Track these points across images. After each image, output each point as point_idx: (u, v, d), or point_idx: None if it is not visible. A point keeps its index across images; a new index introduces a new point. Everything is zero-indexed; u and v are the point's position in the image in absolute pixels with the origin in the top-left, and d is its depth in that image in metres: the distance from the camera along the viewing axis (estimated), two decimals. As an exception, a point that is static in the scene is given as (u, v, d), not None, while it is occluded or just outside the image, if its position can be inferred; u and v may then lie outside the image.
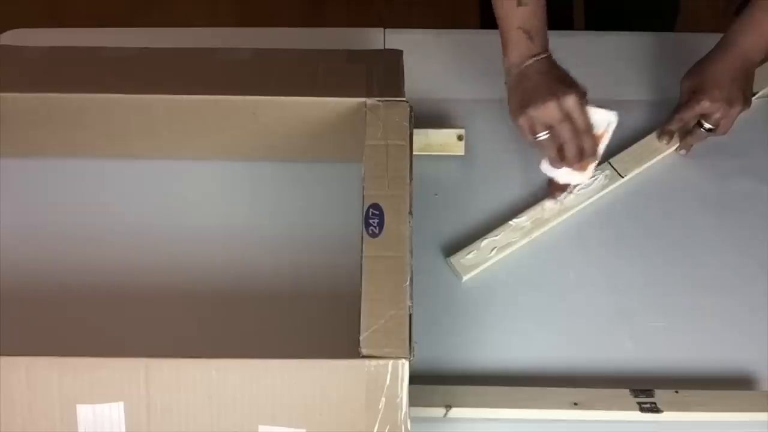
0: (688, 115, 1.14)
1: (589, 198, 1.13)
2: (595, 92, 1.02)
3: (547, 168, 1.07)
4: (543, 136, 1.03)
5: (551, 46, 1.05)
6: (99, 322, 1.01)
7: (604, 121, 1.06)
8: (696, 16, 1.75)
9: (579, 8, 1.70)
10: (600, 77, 1.25)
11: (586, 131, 1.04)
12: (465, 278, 1.06)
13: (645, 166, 1.16)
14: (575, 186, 1.11)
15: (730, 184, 1.16)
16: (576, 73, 1.05)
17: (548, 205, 1.11)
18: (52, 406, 0.81)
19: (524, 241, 1.09)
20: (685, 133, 1.17)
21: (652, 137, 1.18)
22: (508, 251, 1.08)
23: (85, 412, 0.81)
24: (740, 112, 1.13)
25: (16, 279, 1.04)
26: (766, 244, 1.11)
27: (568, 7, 1.71)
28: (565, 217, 1.11)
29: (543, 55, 1.04)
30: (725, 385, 0.98)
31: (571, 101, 1.02)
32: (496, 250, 1.08)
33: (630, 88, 1.26)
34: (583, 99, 1.03)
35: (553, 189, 1.11)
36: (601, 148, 1.08)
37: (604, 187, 1.13)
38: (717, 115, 1.12)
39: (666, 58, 1.31)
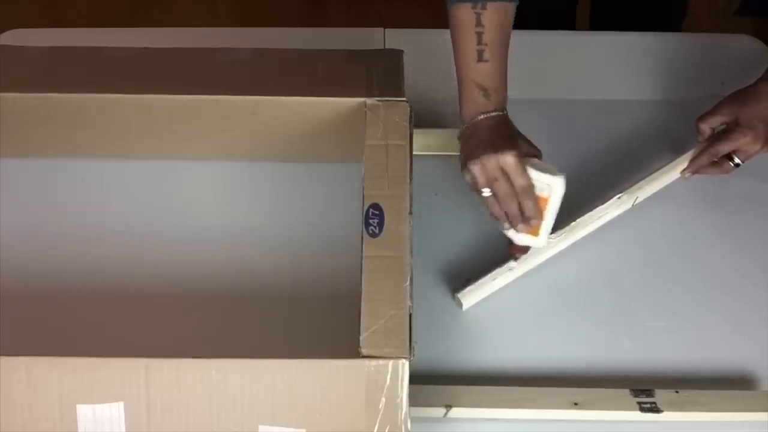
0: (726, 149, 1.09)
1: (594, 223, 1.10)
2: (601, 92, 1.02)
3: (503, 228, 1.04)
4: (485, 193, 1.00)
5: (555, 46, 1.05)
6: (99, 322, 1.01)
7: (545, 184, 1.00)
8: (696, 16, 1.75)
9: (585, 8, 1.69)
10: (605, 77, 1.26)
11: (524, 192, 0.98)
12: (466, 307, 1.05)
13: (657, 188, 1.14)
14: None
15: (730, 184, 1.16)
16: (591, 72, 1.04)
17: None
18: (52, 406, 0.81)
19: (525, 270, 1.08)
20: (711, 164, 1.12)
21: (672, 167, 1.14)
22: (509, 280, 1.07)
23: (85, 412, 0.81)
24: None
25: (16, 279, 1.04)
26: (766, 244, 1.11)
27: (571, 7, 1.70)
28: (571, 242, 1.09)
29: (495, 113, 1.01)
30: (725, 385, 0.98)
31: (509, 159, 0.97)
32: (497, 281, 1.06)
33: (635, 88, 1.26)
34: (524, 158, 0.99)
35: (512, 250, 1.06)
36: (549, 211, 1.01)
37: (612, 209, 1.11)
38: (752, 152, 1.08)
39: (671, 58, 1.31)
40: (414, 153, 1.01)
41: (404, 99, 1.05)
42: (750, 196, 1.15)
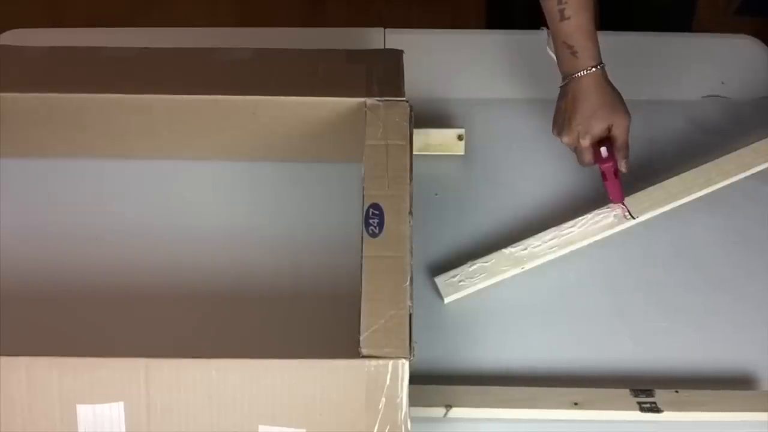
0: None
1: (594, 236, 1.10)
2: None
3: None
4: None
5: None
6: (99, 322, 1.01)
7: None
8: (696, 16, 1.75)
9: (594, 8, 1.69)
10: (613, 77, 1.26)
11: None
12: (447, 300, 1.05)
13: (661, 210, 1.12)
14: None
15: (731, 184, 1.16)
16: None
17: (549, 237, 1.09)
18: (52, 406, 0.81)
19: (516, 271, 1.07)
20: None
21: (673, 181, 1.13)
22: (497, 279, 1.06)
23: (85, 412, 0.81)
24: None
25: (16, 279, 1.04)
26: (767, 244, 1.11)
27: None
28: (563, 252, 1.09)
29: (585, 72, 1.04)
30: (725, 385, 0.98)
31: (583, 137, 1.04)
32: (484, 276, 1.06)
33: (635, 88, 1.26)
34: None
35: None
36: None
37: (611, 226, 1.10)
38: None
39: (671, 58, 1.31)
40: (414, 153, 1.01)
41: (404, 99, 1.05)
42: (750, 196, 1.15)
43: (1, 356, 0.81)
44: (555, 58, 1.08)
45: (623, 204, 1.10)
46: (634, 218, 1.10)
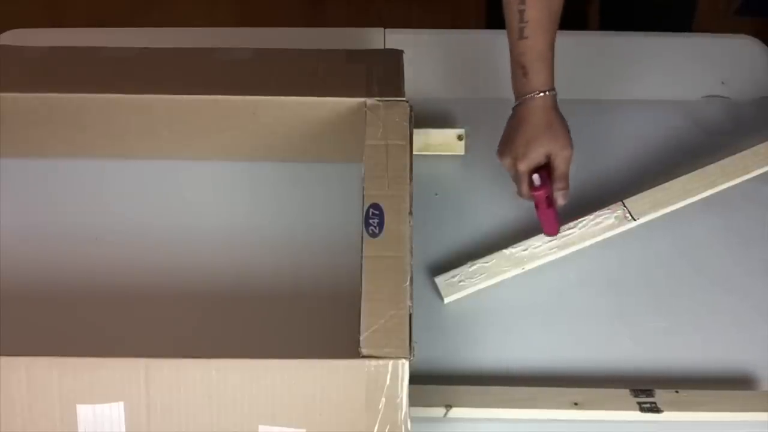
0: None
1: (594, 237, 1.09)
2: (600, 92, 1.02)
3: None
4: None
5: (564, 46, 1.04)
6: (99, 322, 1.01)
7: None
8: (696, 16, 1.75)
9: (594, 8, 1.69)
10: (605, 77, 1.26)
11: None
12: (447, 300, 1.05)
13: (662, 212, 1.11)
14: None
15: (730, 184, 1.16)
16: (589, 72, 1.04)
17: (549, 238, 1.08)
18: (52, 406, 0.81)
19: (516, 272, 1.07)
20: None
21: (674, 183, 1.12)
22: (497, 279, 1.06)
23: (85, 412, 0.81)
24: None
25: (16, 279, 1.04)
26: (766, 244, 1.11)
27: (581, 6, 1.70)
28: (565, 253, 1.08)
29: (536, 95, 1.02)
30: (725, 385, 0.98)
31: (521, 166, 1.02)
32: (484, 276, 1.06)
33: (635, 88, 1.26)
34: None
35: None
36: None
37: (612, 227, 1.10)
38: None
39: (671, 58, 1.31)
40: (414, 153, 1.01)
41: (404, 99, 1.05)
42: (750, 196, 1.15)
43: (1, 356, 0.81)
44: None
45: (557, 237, 1.08)
46: (635, 220, 1.10)
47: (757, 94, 1.28)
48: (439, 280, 1.06)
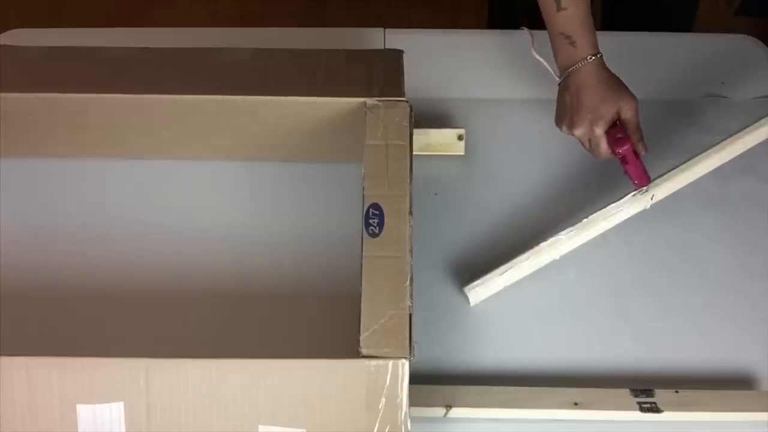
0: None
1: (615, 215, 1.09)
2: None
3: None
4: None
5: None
6: (99, 323, 1.01)
7: None
8: (696, 16, 1.75)
9: (596, 8, 1.69)
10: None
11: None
12: (473, 303, 1.05)
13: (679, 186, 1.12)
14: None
15: (731, 183, 1.16)
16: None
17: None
18: (52, 406, 0.81)
19: (535, 269, 1.07)
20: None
21: (690, 166, 1.12)
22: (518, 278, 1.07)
23: (85, 412, 0.81)
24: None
25: (16, 279, 1.04)
26: (766, 244, 1.11)
27: None
28: (584, 241, 1.08)
29: (584, 62, 1.04)
30: (725, 385, 0.98)
31: (593, 128, 1.04)
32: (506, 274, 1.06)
33: (635, 88, 1.26)
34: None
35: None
36: None
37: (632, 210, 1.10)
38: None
39: (671, 58, 1.31)
40: (414, 153, 1.01)
41: (404, 99, 1.05)
42: (750, 196, 1.15)
43: (1, 356, 0.81)
44: (541, 60, 1.08)
45: (649, 186, 1.08)
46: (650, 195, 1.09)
47: (757, 94, 1.28)
48: (469, 288, 1.05)
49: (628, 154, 1.06)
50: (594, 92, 1.04)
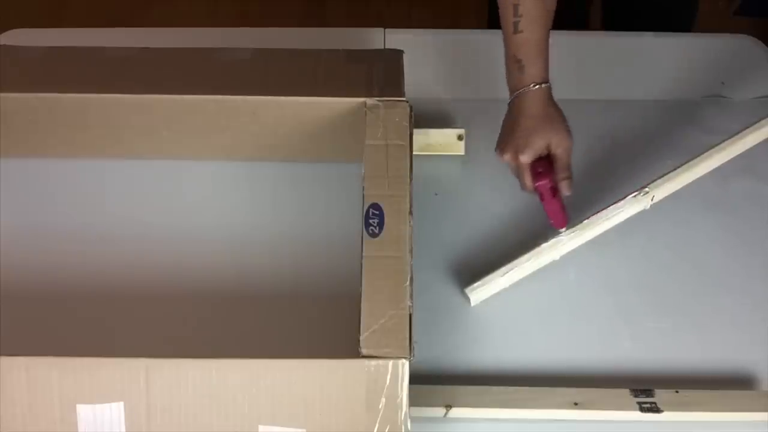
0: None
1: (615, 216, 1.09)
2: (601, 92, 1.02)
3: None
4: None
5: (557, 47, 1.04)
6: (99, 322, 1.01)
7: None
8: (696, 16, 1.75)
9: (596, 8, 1.69)
10: (605, 77, 1.26)
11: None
12: (474, 304, 1.05)
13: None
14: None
15: (731, 183, 1.16)
16: (591, 72, 1.04)
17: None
18: (52, 406, 0.81)
19: (535, 269, 1.08)
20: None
21: (691, 166, 1.11)
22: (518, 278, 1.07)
23: (85, 412, 0.81)
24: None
25: (16, 279, 1.04)
26: (766, 244, 1.11)
27: (583, 6, 1.70)
28: (585, 240, 1.08)
29: (531, 88, 1.02)
30: (725, 385, 0.98)
31: (521, 158, 1.02)
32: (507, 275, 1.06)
33: (635, 88, 1.26)
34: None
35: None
36: None
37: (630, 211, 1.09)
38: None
39: (671, 58, 1.31)
40: (414, 153, 1.01)
41: (404, 99, 1.05)
42: (750, 196, 1.15)
43: (1, 356, 0.81)
44: None
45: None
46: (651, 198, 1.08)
47: (757, 94, 1.28)
48: (471, 289, 1.05)
49: (545, 191, 1.04)
50: (530, 121, 1.02)
